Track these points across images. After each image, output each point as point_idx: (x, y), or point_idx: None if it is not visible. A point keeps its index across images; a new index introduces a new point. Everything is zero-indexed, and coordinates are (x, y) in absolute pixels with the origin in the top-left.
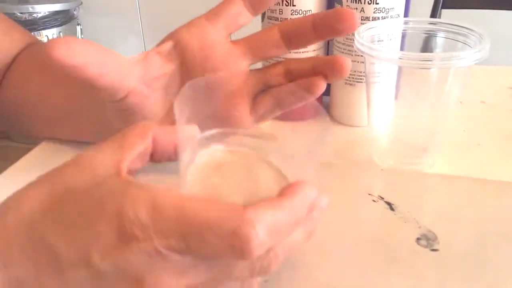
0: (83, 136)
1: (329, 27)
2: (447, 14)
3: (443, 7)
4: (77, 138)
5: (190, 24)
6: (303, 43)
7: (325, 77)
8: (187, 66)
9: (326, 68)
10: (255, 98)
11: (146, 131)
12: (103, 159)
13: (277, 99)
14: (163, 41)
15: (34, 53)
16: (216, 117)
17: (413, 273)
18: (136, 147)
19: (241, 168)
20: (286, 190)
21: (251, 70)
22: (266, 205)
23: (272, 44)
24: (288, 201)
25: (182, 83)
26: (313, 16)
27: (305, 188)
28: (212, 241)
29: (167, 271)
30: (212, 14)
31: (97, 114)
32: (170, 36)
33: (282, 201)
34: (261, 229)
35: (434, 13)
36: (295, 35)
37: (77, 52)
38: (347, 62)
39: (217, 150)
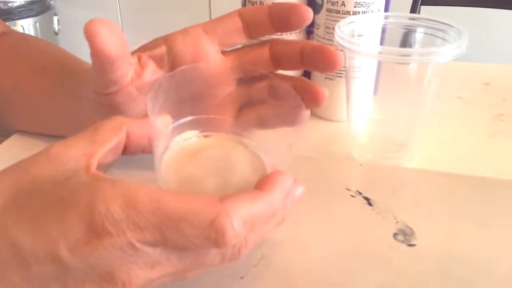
0: (56, 129)
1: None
2: (426, 11)
3: (422, 3)
4: (50, 131)
5: (185, 32)
6: (291, 66)
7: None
8: None
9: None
10: (240, 109)
11: (120, 126)
12: (73, 153)
13: (261, 118)
14: (155, 44)
15: (6, 43)
16: (193, 104)
17: (391, 269)
18: (108, 142)
19: (217, 153)
20: (264, 182)
21: (237, 80)
22: (243, 197)
23: (262, 62)
24: (266, 195)
25: None
26: (304, 43)
27: (283, 179)
28: (188, 233)
29: (139, 263)
30: (210, 26)
31: (71, 106)
32: (164, 41)
33: (260, 194)
34: (237, 221)
35: (413, 10)
36: (284, 56)
37: (111, 34)
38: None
39: (191, 136)
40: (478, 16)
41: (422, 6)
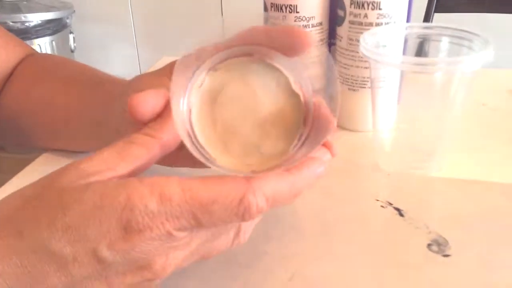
0: (84, 145)
1: None
2: (439, 18)
3: (436, 11)
4: (78, 147)
5: None
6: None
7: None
8: None
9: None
10: None
11: (152, 145)
12: (99, 168)
13: None
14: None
15: (33, 63)
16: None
17: (427, 280)
18: (137, 160)
19: (237, 89)
20: (295, 167)
21: None
22: (269, 177)
23: None
24: (291, 176)
25: None
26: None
27: (313, 165)
28: (220, 214)
29: (175, 247)
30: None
31: (102, 116)
32: None
33: (285, 175)
34: (261, 198)
35: (427, 17)
36: None
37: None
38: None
39: (203, 77)
40: (495, 22)
41: (435, 14)
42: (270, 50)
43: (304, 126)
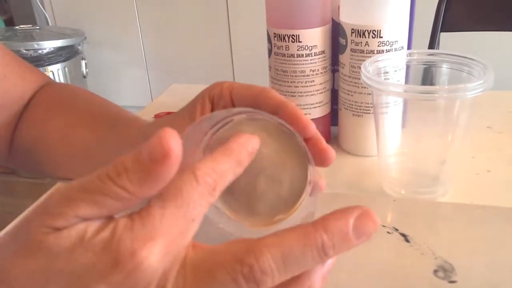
0: None
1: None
2: (446, 37)
3: (442, 30)
4: None
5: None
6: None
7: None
8: None
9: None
10: None
11: (128, 201)
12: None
13: None
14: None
15: (50, 93)
16: None
17: None
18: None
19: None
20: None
21: None
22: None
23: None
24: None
25: None
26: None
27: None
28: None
29: None
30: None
31: (119, 151)
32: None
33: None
34: (268, 258)
35: (433, 37)
36: (237, 99)
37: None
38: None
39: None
40: (498, 40)
41: (441, 33)
42: (247, 108)
43: (308, 160)
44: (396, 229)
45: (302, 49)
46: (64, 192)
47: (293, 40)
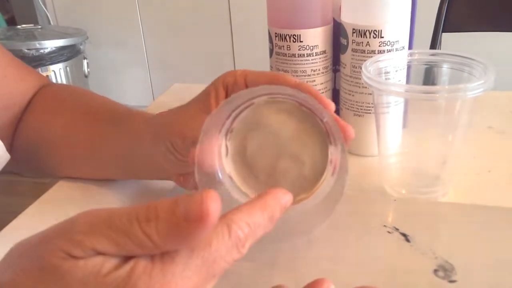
0: (105, 173)
1: None
2: (448, 38)
3: (444, 31)
4: (99, 175)
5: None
6: None
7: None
8: None
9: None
10: None
11: (150, 250)
12: None
13: None
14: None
15: (50, 94)
16: None
17: None
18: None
19: (262, 135)
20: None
21: None
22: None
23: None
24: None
25: None
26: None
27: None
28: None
29: None
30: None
31: (127, 149)
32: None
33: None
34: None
35: (435, 37)
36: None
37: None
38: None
39: (231, 140)
40: (500, 40)
41: (443, 33)
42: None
43: (328, 137)
44: (397, 229)
45: (303, 49)
46: (90, 221)
47: (294, 40)
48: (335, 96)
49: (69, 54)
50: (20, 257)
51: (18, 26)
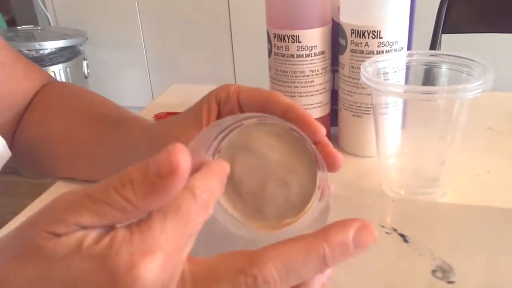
0: (100, 175)
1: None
2: (447, 39)
3: (443, 32)
4: (95, 177)
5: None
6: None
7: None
8: None
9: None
10: None
11: (129, 212)
12: None
13: None
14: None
15: (52, 93)
16: None
17: None
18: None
19: (250, 158)
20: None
21: None
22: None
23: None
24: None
25: None
26: (277, 99)
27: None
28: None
29: None
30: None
31: (125, 153)
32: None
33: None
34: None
35: (434, 39)
36: (246, 104)
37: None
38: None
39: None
40: (500, 41)
41: (443, 35)
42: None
43: (317, 164)
44: (395, 230)
45: (302, 49)
46: (68, 199)
47: (293, 41)
48: (334, 96)
49: (69, 55)
50: (8, 245)
51: (18, 27)
